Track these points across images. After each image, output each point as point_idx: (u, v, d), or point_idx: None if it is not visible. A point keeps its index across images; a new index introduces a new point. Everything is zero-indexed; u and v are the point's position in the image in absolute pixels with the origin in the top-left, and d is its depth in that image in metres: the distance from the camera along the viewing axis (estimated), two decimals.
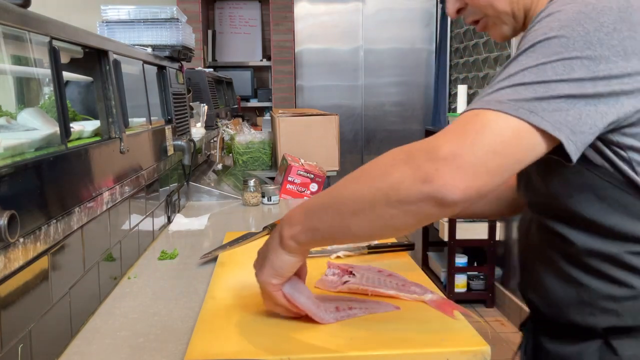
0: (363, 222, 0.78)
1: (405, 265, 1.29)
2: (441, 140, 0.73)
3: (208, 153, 2.68)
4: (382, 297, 1.07)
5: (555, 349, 0.96)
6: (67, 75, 1.37)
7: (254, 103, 5.18)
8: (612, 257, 0.84)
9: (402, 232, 0.81)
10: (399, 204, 0.74)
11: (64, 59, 1.23)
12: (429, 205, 0.73)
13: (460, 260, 3.80)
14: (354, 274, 1.14)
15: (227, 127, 3.17)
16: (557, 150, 0.75)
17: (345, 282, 1.11)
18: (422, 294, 1.07)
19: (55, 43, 1.00)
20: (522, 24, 0.95)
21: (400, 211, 0.75)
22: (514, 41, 3.54)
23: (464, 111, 0.76)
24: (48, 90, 1.10)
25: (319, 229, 0.84)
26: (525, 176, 0.95)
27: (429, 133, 4.28)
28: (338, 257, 1.34)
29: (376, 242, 1.41)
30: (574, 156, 0.75)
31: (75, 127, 1.15)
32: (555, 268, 0.92)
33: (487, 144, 0.72)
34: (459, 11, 0.98)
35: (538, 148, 0.74)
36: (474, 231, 3.72)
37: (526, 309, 1.03)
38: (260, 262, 0.93)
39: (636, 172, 0.80)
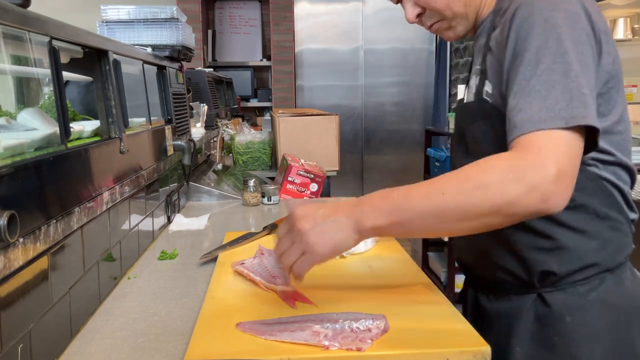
0: (465, 227, 0.85)
1: (404, 264, 1.29)
2: (546, 160, 0.81)
3: (208, 153, 2.68)
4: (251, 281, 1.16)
5: (494, 307, 1.07)
6: (67, 75, 1.37)
7: (254, 103, 5.18)
8: None
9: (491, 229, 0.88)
10: (511, 216, 0.83)
11: (64, 59, 1.23)
12: (536, 216, 0.84)
13: None
14: (255, 257, 1.27)
15: (227, 127, 3.17)
16: None
17: (242, 263, 1.23)
18: (280, 284, 1.12)
19: (55, 43, 1.00)
20: (473, 23, 1.08)
21: (508, 220, 0.84)
22: None
23: (537, 129, 0.84)
24: (48, 90, 1.10)
25: (411, 227, 0.87)
26: (472, 144, 1.06)
27: (429, 133, 4.28)
28: (342, 256, 1.33)
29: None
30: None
31: (75, 127, 1.15)
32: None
33: (576, 158, 0.84)
34: (418, 16, 1.07)
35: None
36: None
37: None
38: (319, 231, 0.89)
39: None
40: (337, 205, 0.91)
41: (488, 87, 1.01)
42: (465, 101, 1.14)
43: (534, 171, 0.80)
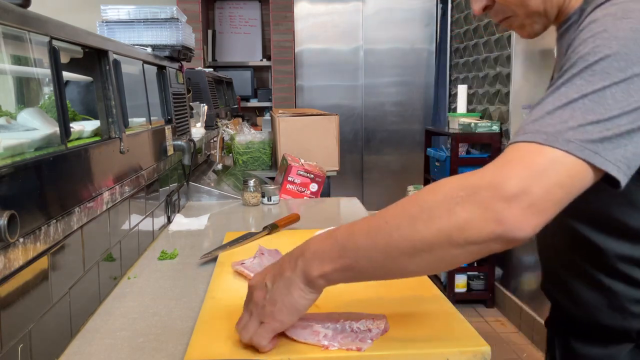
0: (419, 263, 0.73)
1: None
2: (506, 175, 0.69)
3: (208, 153, 2.68)
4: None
5: (585, 351, 0.96)
6: (67, 75, 1.37)
7: (254, 103, 5.18)
8: None
9: (455, 267, 0.76)
10: (465, 244, 0.70)
11: (64, 59, 1.23)
12: (496, 244, 0.70)
13: None
14: (255, 257, 1.27)
15: (227, 127, 3.17)
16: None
17: (242, 263, 1.23)
18: None
19: (55, 43, 1.00)
20: (554, 19, 0.92)
21: (464, 251, 0.71)
22: (514, 42, 3.54)
23: (521, 140, 0.72)
24: (48, 90, 1.10)
25: (361, 269, 0.77)
26: None
27: (429, 133, 4.28)
28: None
29: None
30: (623, 184, 0.72)
31: (75, 127, 1.15)
32: (581, 273, 0.93)
33: (554, 182, 0.69)
34: (485, 8, 0.93)
35: (592, 180, 0.73)
36: None
37: (527, 309, 1.04)
38: (271, 298, 0.82)
39: None
40: (282, 262, 0.83)
41: None
42: None
43: (488, 187, 0.68)
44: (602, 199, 0.83)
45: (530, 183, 0.68)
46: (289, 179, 2.32)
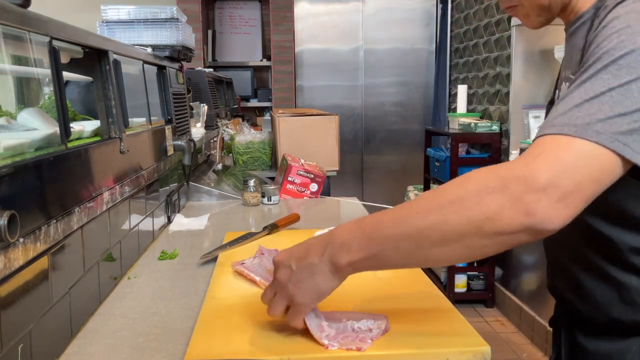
0: (447, 252, 0.74)
1: None
2: (537, 168, 0.70)
3: (208, 153, 2.68)
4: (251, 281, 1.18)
5: (594, 347, 0.97)
6: (67, 75, 1.37)
7: (254, 103, 5.18)
8: None
9: (483, 257, 0.77)
10: (494, 235, 0.71)
11: (64, 59, 1.23)
12: (526, 236, 0.71)
13: None
14: (255, 257, 1.27)
15: (227, 127, 3.17)
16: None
17: (242, 263, 1.23)
18: None
19: (55, 43, 1.00)
20: (558, 14, 0.95)
21: (493, 241, 0.72)
22: (514, 42, 3.54)
23: (550, 132, 0.73)
24: (48, 90, 1.10)
25: (388, 258, 0.78)
26: None
27: (429, 133, 4.28)
28: None
29: None
30: None
31: (75, 127, 1.15)
32: (593, 267, 0.93)
33: (585, 174, 0.71)
34: None
35: (621, 172, 0.74)
36: None
37: (527, 309, 1.04)
38: (296, 280, 0.84)
39: None
40: (309, 246, 0.85)
41: None
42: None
43: (518, 180, 0.70)
44: (618, 193, 0.82)
45: (560, 176, 0.69)
46: (289, 179, 2.32)
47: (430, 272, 4.13)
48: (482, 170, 0.74)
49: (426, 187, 4.11)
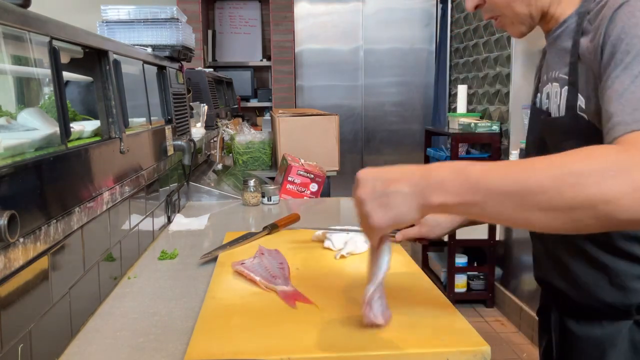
0: (549, 219, 0.72)
1: (404, 264, 1.29)
2: None
3: (208, 153, 2.68)
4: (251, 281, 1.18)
5: (585, 332, 1.00)
6: (67, 75, 1.37)
7: (254, 103, 5.18)
8: None
9: (578, 232, 0.76)
10: (606, 217, 0.69)
11: (64, 59, 1.23)
12: (631, 226, 0.71)
13: (460, 260, 3.80)
14: (255, 257, 1.28)
15: (227, 127, 3.17)
16: None
17: (242, 263, 1.24)
18: (280, 284, 1.12)
19: (55, 43, 1.00)
20: (538, 21, 1.01)
21: (601, 223, 0.71)
22: (514, 42, 3.54)
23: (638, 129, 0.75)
24: (48, 90, 1.10)
25: (486, 210, 0.75)
26: None
27: (429, 133, 4.28)
28: (342, 256, 1.34)
29: None
30: None
31: (75, 127, 1.15)
32: (583, 254, 0.96)
33: None
34: (477, 7, 1.03)
35: None
36: (474, 231, 3.71)
37: (526, 308, 1.05)
38: (377, 203, 0.81)
39: None
40: (402, 172, 0.81)
41: (581, 102, 0.92)
42: (548, 112, 1.04)
43: None
44: None
45: None
46: (289, 179, 2.32)
47: (430, 272, 4.13)
48: (604, 148, 0.74)
49: None
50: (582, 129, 0.92)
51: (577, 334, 1.02)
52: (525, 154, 1.12)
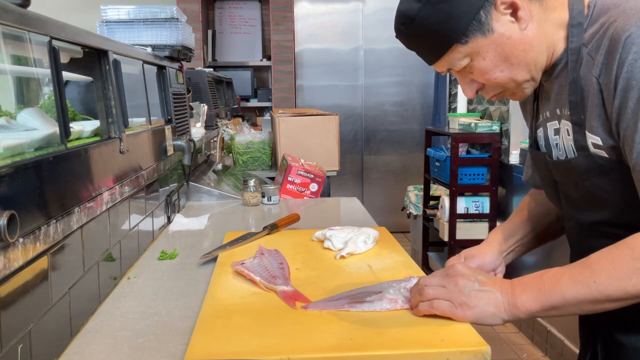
0: (620, 305, 0.87)
1: (404, 264, 1.29)
2: None
3: (208, 153, 2.68)
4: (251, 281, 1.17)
5: (633, 342, 1.00)
6: (67, 75, 1.37)
7: (254, 103, 5.18)
8: None
9: None
10: None
11: (64, 58, 1.23)
12: None
13: None
14: (255, 257, 1.28)
15: (227, 127, 3.17)
16: None
17: (242, 263, 1.24)
18: (280, 284, 1.13)
19: (55, 43, 1.00)
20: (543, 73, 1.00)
21: None
22: None
23: None
24: (48, 90, 1.10)
25: (563, 312, 0.90)
26: (586, 197, 0.98)
27: (429, 133, 4.28)
28: (342, 256, 1.34)
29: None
30: None
31: (75, 127, 1.15)
32: None
33: None
34: (477, 91, 1.01)
35: None
36: (474, 231, 3.72)
37: None
38: (475, 295, 0.94)
39: None
40: (495, 279, 0.96)
41: (595, 140, 0.92)
42: (549, 154, 1.05)
43: None
44: None
45: None
46: (289, 179, 2.32)
47: (430, 272, 4.13)
48: None
49: (426, 187, 4.11)
50: (603, 165, 0.92)
51: (624, 344, 1.01)
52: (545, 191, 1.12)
